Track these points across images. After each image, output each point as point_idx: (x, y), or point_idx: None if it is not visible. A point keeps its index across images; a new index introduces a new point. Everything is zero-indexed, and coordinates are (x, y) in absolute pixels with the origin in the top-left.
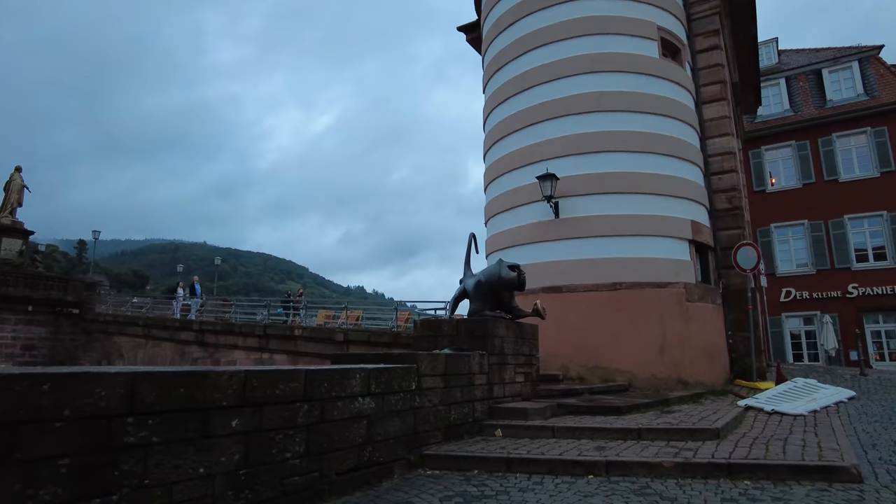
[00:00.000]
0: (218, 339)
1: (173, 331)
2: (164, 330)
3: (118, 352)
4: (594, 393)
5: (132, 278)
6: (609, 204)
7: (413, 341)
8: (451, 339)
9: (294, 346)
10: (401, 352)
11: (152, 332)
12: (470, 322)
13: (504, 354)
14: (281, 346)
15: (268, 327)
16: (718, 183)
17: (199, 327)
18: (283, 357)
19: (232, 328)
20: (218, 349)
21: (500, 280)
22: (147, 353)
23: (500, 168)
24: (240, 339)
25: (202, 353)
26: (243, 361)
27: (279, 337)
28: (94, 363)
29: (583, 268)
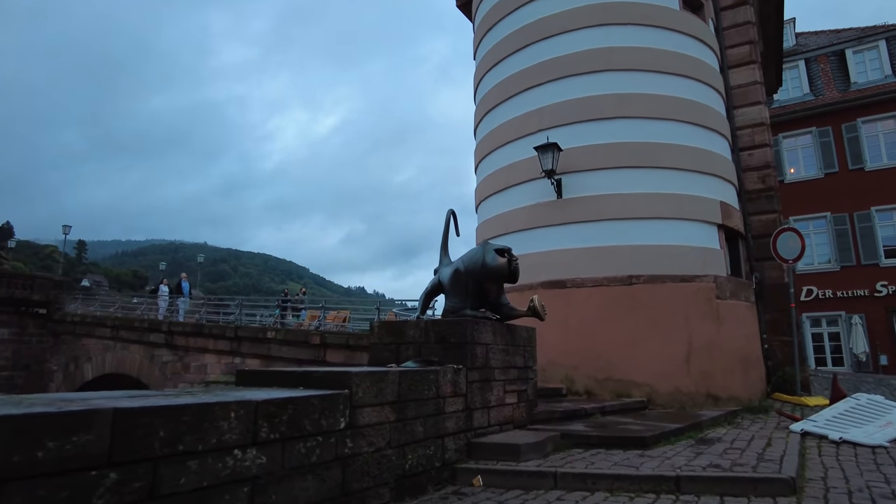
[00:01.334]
0: (188, 342)
1: (142, 332)
2: (132, 331)
3: (86, 355)
4: (607, 413)
5: (132, 278)
6: (622, 180)
7: (370, 353)
8: (419, 348)
9: (267, 350)
10: (327, 370)
11: (121, 334)
12: (443, 325)
13: (489, 368)
14: (253, 350)
15: (239, 329)
16: (749, 159)
17: (168, 328)
18: (255, 362)
19: (202, 330)
20: (188, 352)
21: (486, 268)
22: (115, 356)
23: (493, 142)
24: (210, 342)
25: (172, 357)
26: (214, 367)
27: (251, 340)
28: (62, 367)
29: (591, 258)
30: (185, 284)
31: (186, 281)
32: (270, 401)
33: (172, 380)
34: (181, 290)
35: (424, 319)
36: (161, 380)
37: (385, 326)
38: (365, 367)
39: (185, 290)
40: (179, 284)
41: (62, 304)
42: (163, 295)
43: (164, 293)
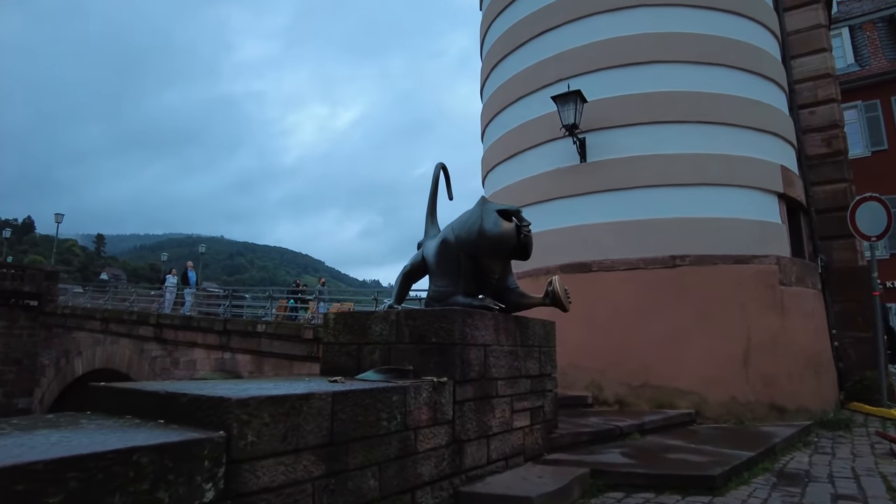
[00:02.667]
0: (177, 336)
1: (131, 325)
2: (121, 324)
3: (77, 349)
4: (647, 431)
5: (149, 272)
6: (661, 138)
7: (322, 358)
8: (387, 351)
9: (257, 346)
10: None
11: (110, 327)
12: (422, 317)
13: (490, 380)
14: (243, 345)
15: (228, 322)
16: (810, 119)
17: (157, 321)
18: (245, 358)
19: (190, 323)
20: (177, 347)
21: (484, 237)
22: (105, 350)
23: (501, 100)
24: (199, 336)
25: (161, 352)
26: (204, 362)
27: (241, 334)
28: (54, 362)
29: (623, 235)
30: (191, 274)
31: (192, 270)
32: (49, 463)
33: (161, 376)
34: (187, 280)
35: (396, 310)
36: (150, 375)
37: (342, 320)
38: (282, 383)
39: (191, 280)
40: (185, 274)
41: (54, 295)
42: (169, 286)
43: (172, 284)
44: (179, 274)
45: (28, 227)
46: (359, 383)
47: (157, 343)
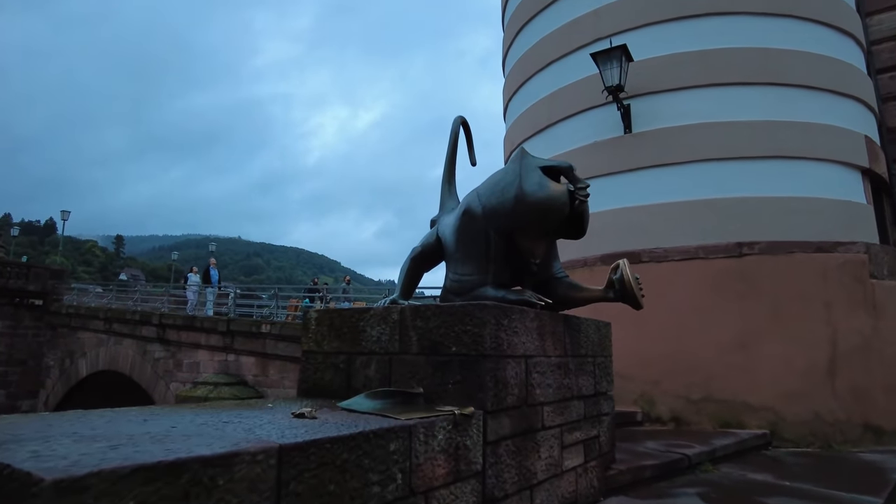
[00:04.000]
0: (180, 337)
1: (133, 325)
2: (124, 324)
3: (81, 349)
4: (719, 459)
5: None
6: (722, 103)
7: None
8: (387, 365)
9: (262, 347)
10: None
11: (114, 327)
12: (437, 318)
13: (533, 406)
14: (247, 346)
15: (232, 322)
16: (890, 84)
17: (160, 321)
18: (250, 360)
19: (193, 323)
20: (180, 348)
21: (525, 203)
22: (109, 351)
23: (528, 67)
24: (202, 337)
25: (164, 353)
26: (207, 364)
27: (245, 335)
28: (58, 363)
29: (678, 218)
30: (213, 272)
31: (215, 268)
32: None
33: (165, 378)
34: (210, 277)
35: (400, 306)
36: (153, 379)
37: (327, 320)
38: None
39: (213, 279)
40: (207, 272)
41: (60, 295)
42: (192, 285)
43: (194, 283)
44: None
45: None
46: (337, 420)
47: (161, 344)
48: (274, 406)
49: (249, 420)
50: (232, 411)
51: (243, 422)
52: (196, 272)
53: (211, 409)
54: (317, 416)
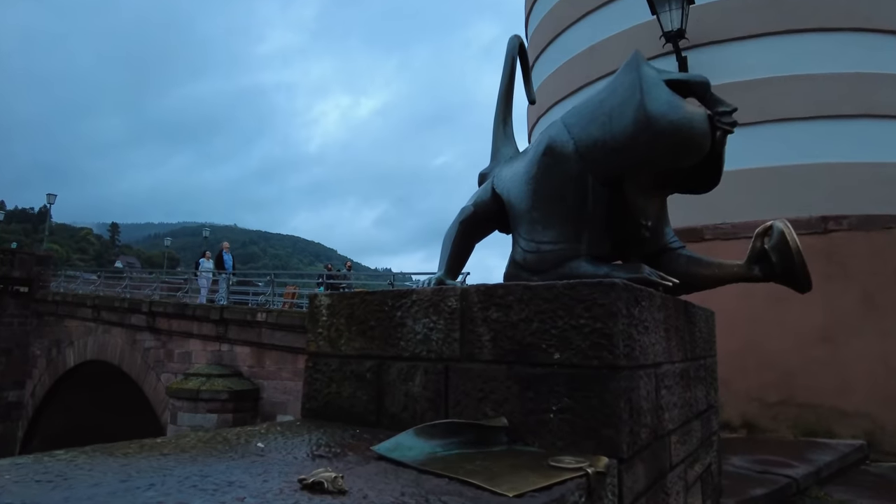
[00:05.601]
0: (171, 325)
1: (122, 313)
2: (113, 312)
3: (69, 338)
4: (825, 479)
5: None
6: (801, 53)
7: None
8: (441, 377)
9: (258, 336)
10: None
11: (102, 315)
12: (528, 305)
13: (662, 438)
14: (242, 336)
15: (225, 310)
16: None
17: (150, 309)
18: (245, 350)
19: (185, 311)
20: (171, 337)
21: (653, 129)
22: (97, 340)
23: (562, 19)
24: (194, 326)
25: (155, 342)
26: (199, 355)
27: (239, 323)
28: (45, 352)
29: (749, 188)
30: (227, 257)
31: (228, 252)
32: None
33: (155, 369)
34: (223, 263)
35: (457, 287)
36: (143, 369)
37: (346, 308)
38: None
39: (227, 264)
40: (220, 257)
41: (46, 281)
42: (204, 272)
43: (207, 269)
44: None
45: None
46: (381, 495)
47: (151, 333)
48: (266, 450)
49: (222, 496)
50: (196, 467)
51: None
52: (209, 258)
53: (166, 463)
54: (343, 485)
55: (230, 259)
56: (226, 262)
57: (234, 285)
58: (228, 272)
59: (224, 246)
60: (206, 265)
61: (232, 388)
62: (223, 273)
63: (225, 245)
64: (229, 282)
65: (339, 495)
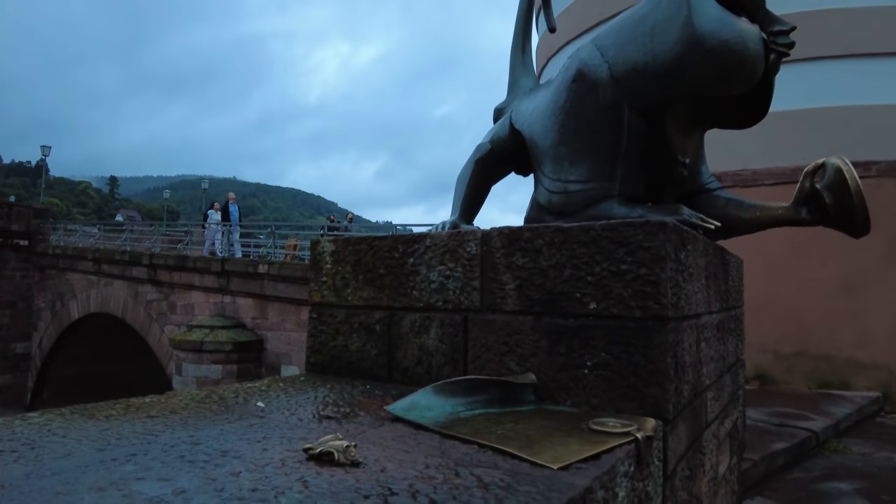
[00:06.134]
0: (172, 278)
1: (124, 266)
2: (114, 265)
3: (72, 291)
4: (842, 433)
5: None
6: None
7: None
8: (459, 329)
9: (260, 288)
10: None
11: (103, 268)
12: (564, 247)
13: (700, 394)
14: (244, 288)
15: (226, 262)
16: None
17: (150, 262)
18: (248, 302)
19: (186, 263)
20: (173, 290)
21: (702, 49)
22: (100, 293)
23: None
24: (196, 278)
25: (157, 295)
26: (202, 307)
27: (241, 275)
28: (49, 304)
29: (771, 131)
30: (233, 208)
31: (235, 203)
32: None
33: (158, 321)
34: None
35: (476, 231)
36: (146, 321)
37: (352, 254)
38: None
39: (233, 216)
40: (226, 208)
41: (45, 234)
42: (212, 224)
43: (215, 221)
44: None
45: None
46: (402, 466)
47: (153, 285)
48: (267, 410)
49: (214, 470)
50: (186, 432)
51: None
52: (217, 209)
53: (152, 427)
54: (356, 455)
55: (236, 210)
56: (232, 213)
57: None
58: (235, 223)
59: (230, 197)
60: (215, 217)
61: (236, 339)
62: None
63: (231, 196)
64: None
65: (352, 468)
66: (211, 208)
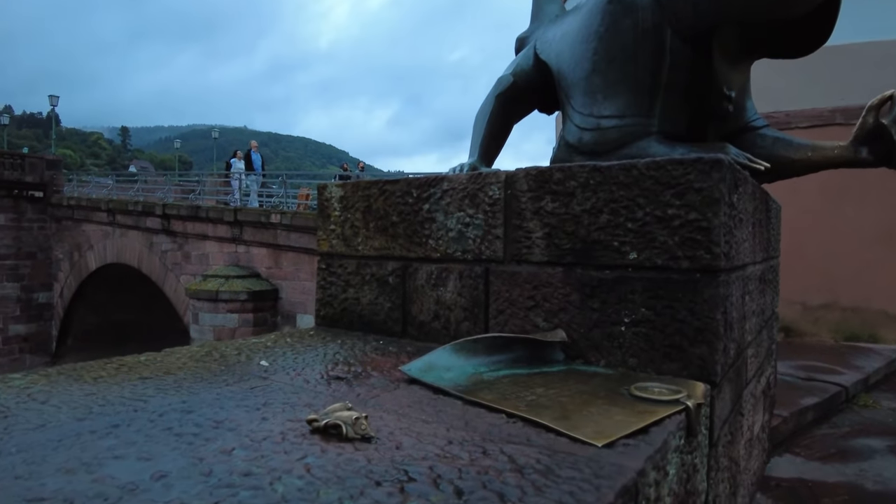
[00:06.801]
0: (185, 228)
1: (137, 216)
2: (127, 216)
3: (88, 242)
4: (871, 387)
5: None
6: None
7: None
8: (480, 280)
9: (274, 238)
10: None
11: (117, 219)
12: (601, 189)
13: (741, 353)
14: (257, 238)
15: (239, 212)
16: None
17: (164, 212)
18: (262, 251)
19: (198, 213)
20: (187, 240)
21: None
22: (115, 243)
23: None
24: (209, 228)
25: (171, 245)
26: (216, 256)
27: (254, 225)
28: (67, 256)
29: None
30: (255, 156)
31: (257, 152)
32: None
33: (174, 271)
34: (252, 163)
35: (506, 172)
36: (162, 271)
37: (362, 199)
38: None
39: (256, 164)
40: (249, 156)
41: (59, 186)
42: (236, 172)
43: (238, 170)
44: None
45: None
46: (420, 439)
47: (167, 235)
48: (271, 370)
49: (203, 446)
50: (179, 397)
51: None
52: (241, 157)
53: (143, 392)
54: (367, 429)
55: (259, 159)
56: (255, 161)
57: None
58: (258, 172)
59: (252, 145)
60: (238, 165)
61: (251, 288)
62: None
63: (253, 144)
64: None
65: (363, 443)
66: (234, 156)
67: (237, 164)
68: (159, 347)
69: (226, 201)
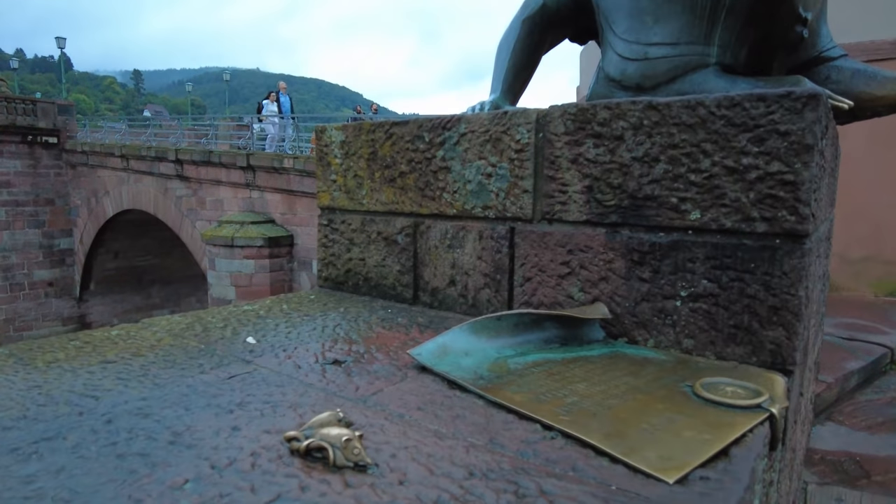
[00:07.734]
0: (199, 173)
1: (151, 162)
2: (141, 161)
3: (104, 188)
4: None
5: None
6: None
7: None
8: (502, 248)
9: (287, 184)
10: None
11: (131, 165)
12: (657, 130)
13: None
14: (271, 183)
15: (251, 157)
16: None
17: (177, 157)
18: (276, 197)
19: (211, 158)
20: (201, 185)
21: None
22: (130, 189)
23: None
24: (223, 173)
25: (186, 191)
26: (231, 202)
27: (267, 170)
28: (85, 201)
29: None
30: (284, 99)
31: (286, 94)
32: None
33: (189, 217)
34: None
35: (538, 110)
36: (178, 217)
37: (366, 145)
38: None
39: (285, 107)
40: (277, 99)
41: (72, 132)
42: (270, 116)
43: (271, 112)
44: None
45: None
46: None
47: (181, 181)
48: (257, 351)
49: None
50: (139, 392)
51: None
52: (274, 99)
53: (99, 382)
54: (362, 454)
55: (288, 101)
56: (283, 104)
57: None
58: (287, 115)
59: (281, 87)
60: (271, 108)
61: (266, 234)
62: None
63: (282, 86)
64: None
65: (356, 474)
66: (267, 98)
67: (269, 107)
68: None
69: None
